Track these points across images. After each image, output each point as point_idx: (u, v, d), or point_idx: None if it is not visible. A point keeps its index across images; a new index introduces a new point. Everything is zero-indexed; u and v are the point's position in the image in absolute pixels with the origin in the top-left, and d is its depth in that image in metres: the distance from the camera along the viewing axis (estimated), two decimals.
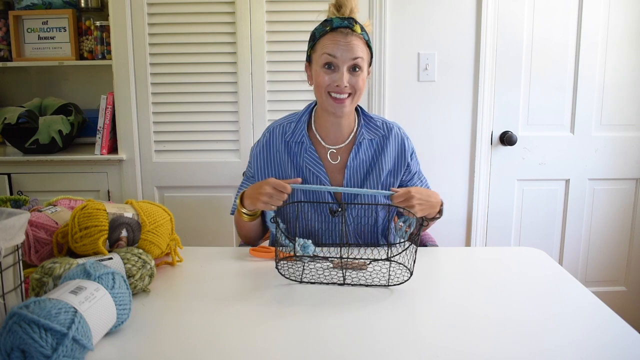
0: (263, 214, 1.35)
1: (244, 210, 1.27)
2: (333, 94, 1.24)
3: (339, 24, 1.23)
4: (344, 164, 1.34)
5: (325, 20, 1.26)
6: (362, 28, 1.25)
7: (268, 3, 2.00)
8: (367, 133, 1.35)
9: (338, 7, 1.26)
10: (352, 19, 1.24)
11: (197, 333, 0.85)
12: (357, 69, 1.23)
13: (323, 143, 1.34)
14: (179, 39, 2.02)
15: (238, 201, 1.29)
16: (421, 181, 1.44)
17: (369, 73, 1.30)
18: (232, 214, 1.42)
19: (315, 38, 1.27)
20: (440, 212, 1.35)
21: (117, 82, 2.02)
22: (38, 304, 0.71)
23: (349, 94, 1.24)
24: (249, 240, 1.40)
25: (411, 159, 1.39)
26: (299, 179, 1.24)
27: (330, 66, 1.23)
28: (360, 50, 1.23)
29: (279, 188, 1.17)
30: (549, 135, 2.16)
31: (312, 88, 1.32)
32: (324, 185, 1.32)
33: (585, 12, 2.07)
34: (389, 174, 1.37)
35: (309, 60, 1.31)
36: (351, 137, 1.35)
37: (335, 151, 1.34)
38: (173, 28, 2.02)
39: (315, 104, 1.36)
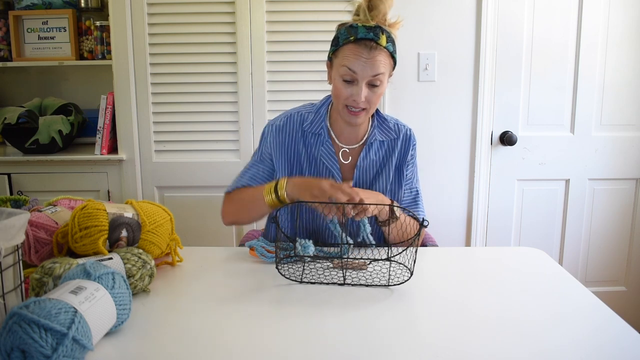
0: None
1: (283, 197, 1.20)
2: (349, 107, 1.23)
3: (364, 35, 1.16)
4: (354, 164, 1.34)
5: (351, 27, 1.19)
6: (388, 38, 1.19)
7: (268, 3, 2.00)
8: (379, 134, 1.35)
9: (370, 8, 1.18)
10: (379, 28, 1.17)
11: (197, 333, 0.85)
12: (377, 83, 1.20)
13: (337, 141, 1.34)
14: (179, 39, 2.02)
15: (281, 184, 1.21)
16: (410, 190, 1.40)
17: (390, 75, 1.26)
18: (228, 192, 1.37)
19: (338, 43, 1.22)
20: (392, 211, 1.27)
21: (117, 82, 2.02)
22: (38, 304, 0.71)
23: (364, 108, 1.22)
24: (241, 221, 1.37)
25: (410, 161, 1.38)
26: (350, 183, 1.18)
27: (349, 78, 1.20)
28: (383, 66, 1.18)
29: (336, 187, 1.13)
30: (549, 135, 2.16)
31: (329, 84, 1.29)
32: (335, 181, 1.31)
33: (585, 12, 2.07)
34: (395, 175, 1.37)
35: (330, 60, 1.27)
36: (365, 138, 1.34)
37: (347, 151, 1.34)
38: (173, 28, 2.02)
39: (332, 100, 1.33)
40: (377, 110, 1.37)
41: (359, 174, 1.34)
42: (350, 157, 1.34)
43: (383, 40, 1.17)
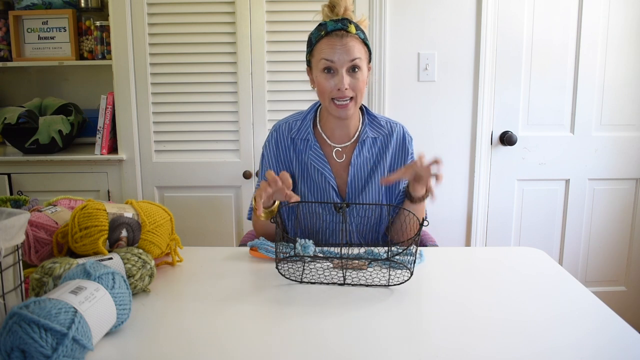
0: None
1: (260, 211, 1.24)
2: (336, 101, 1.25)
3: (333, 27, 1.23)
4: (349, 162, 1.35)
5: (320, 24, 1.27)
6: (356, 27, 1.25)
7: (268, 3, 2.00)
8: (370, 131, 1.37)
9: (331, 7, 1.26)
10: (346, 19, 1.24)
11: (197, 333, 0.85)
12: (357, 69, 1.24)
13: (329, 141, 1.36)
14: (179, 39, 2.02)
15: (253, 200, 1.28)
16: None
17: (369, 69, 1.31)
18: (248, 218, 1.42)
19: (312, 43, 1.28)
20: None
21: (117, 82, 2.02)
22: (38, 304, 0.71)
23: (351, 98, 1.25)
24: (269, 238, 1.39)
25: (411, 158, 1.39)
26: (286, 173, 1.16)
27: (329, 70, 1.24)
28: (358, 51, 1.24)
29: (269, 180, 1.15)
30: (549, 135, 2.16)
31: (313, 90, 1.33)
32: (328, 182, 1.33)
33: (585, 12, 2.07)
34: (390, 172, 1.37)
35: (308, 64, 1.33)
36: (356, 135, 1.36)
37: (340, 149, 1.36)
38: (173, 28, 2.02)
39: (320, 104, 1.37)
40: (367, 109, 1.40)
41: (353, 171, 1.35)
42: (344, 156, 1.36)
43: (352, 28, 1.24)
